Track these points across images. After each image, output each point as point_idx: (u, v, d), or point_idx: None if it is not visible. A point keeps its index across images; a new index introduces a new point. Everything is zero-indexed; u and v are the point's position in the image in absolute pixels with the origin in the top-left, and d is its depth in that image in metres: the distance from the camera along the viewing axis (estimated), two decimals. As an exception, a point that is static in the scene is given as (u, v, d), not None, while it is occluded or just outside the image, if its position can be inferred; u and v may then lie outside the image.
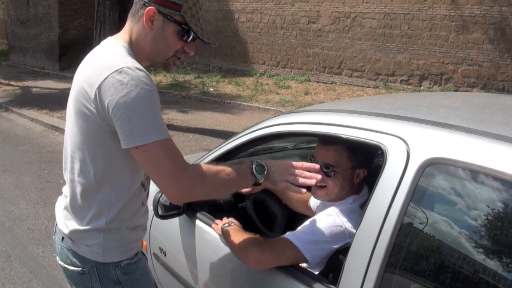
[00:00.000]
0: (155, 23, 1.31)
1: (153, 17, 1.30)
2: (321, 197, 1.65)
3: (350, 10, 11.18)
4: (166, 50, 1.35)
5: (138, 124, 1.18)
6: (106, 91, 1.19)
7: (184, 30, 1.32)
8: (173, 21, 1.30)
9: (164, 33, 1.32)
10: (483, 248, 1.08)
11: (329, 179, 1.58)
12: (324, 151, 1.60)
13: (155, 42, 1.33)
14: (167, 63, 1.39)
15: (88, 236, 1.36)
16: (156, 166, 1.22)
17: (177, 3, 1.30)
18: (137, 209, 1.43)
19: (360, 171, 1.60)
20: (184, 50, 1.38)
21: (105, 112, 1.20)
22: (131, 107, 1.17)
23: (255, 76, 12.91)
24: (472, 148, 1.13)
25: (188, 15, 1.31)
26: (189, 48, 1.38)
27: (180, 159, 1.24)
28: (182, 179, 1.23)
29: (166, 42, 1.34)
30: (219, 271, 1.76)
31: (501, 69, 9.21)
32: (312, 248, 1.45)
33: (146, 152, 1.21)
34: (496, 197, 1.08)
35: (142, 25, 1.32)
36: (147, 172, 1.29)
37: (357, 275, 1.23)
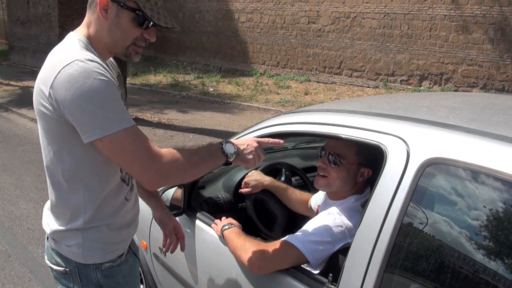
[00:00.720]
0: (109, 12, 1.26)
1: (107, 5, 1.25)
2: (322, 186, 1.65)
3: (350, 10, 11.19)
4: (124, 39, 1.29)
5: (98, 116, 1.14)
6: (59, 87, 1.15)
7: (140, 16, 1.26)
8: (126, 8, 1.25)
9: (119, 22, 1.26)
10: (483, 248, 1.08)
11: (333, 169, 1.59)
12: (334, 142, 1.62)
13: (111, 32, 1.28)
14: (127, 52, 1.33)
15: (67, 236, 1.33)
16: (125, 155, 1.18)
17: None
18: (118, 206, 1.38)
19: (365, 171, 1.60)
20: (144, 37, 1.32)
21: (61, 109, 1.17)
22: (86, 99, 1.13)
23: (255, 76, 12.91)
24: (472, 148, 1.13)
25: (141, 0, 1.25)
26: (149, 35, 1.32)
27: (149, 145, 1.20)
28: (155, 165, 1.19)
29: (122, 31, 1.28)
30: (219, 271, 1.76)
31: (501, 69, 9.21)
32: (314, 249, 1.45)
33: (112, 143, 1.16)
34: (496, 197, 1.08)
35: (97, 15, 1.27)
36: (117, 163, 1.25)
37: (357, 275, 1.23)
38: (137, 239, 2.34)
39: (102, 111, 1.14)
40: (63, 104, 1.15)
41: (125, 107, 1.22)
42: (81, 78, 1.13)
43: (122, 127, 1.16)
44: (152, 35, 1.33)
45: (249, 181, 2.05)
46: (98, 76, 1.15)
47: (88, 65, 1.15)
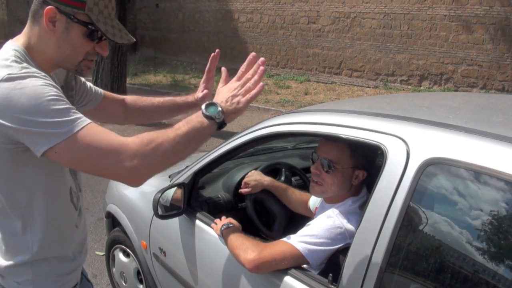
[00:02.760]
0: (57, 25, 1.12)
1: (54, 17, 1.11)
2: (318, 193, 1.66)
3: (350, 10, 11.18)
4: (74, 55, 1.17)
5: (47, 124, 1.02)
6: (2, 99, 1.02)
7: (92, 31, 1.14)
8: (77, 22, 1.12)
9: (69, 36, 1.14)
10: (483, 248, 1.08)
11: (328, 175, 1.59)
12: (327, 147, 1.61)
13: (59, 47, 1.15)
14: (79, 68, 1.21)
15: (16, 271, 1.21)
16: (92, 156, 1.05)
17: (80, 0, 1.11)
18: (68, 235, 1.28)
19: (360, 173, 1.60)
20: (96, 51, 1.20)
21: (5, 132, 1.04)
22: (29, 113, 1.01)
23: (255, 76, 12.89)
24: (472, 148, 1.12)
25: (94, 12, 1.13)
26: (101, 49, 1.20)
27: (115, 137, 1.07)
28: (130, 157, 1.04)
29: (72, 46, 1.15)
30: (219, 271, 1.76)
31: (501, 69, 9.21)
32: (313, 250, 1.45)
33: (73, 147, 1.03)
34: (496, 197, 1.08)
35: (42, 27, 1.13)
36: (86, 170, 1.10)
37: (357, 275, 1.23)
38: (137, 239, 2.34)
39: (47, 118, 1.02)
40: (6, 127, 1.03)
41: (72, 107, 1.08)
42: (16, 93, 1.01)
43: (79, 127, 1.04)
44: (104, 48, 1.21)
45: (249, 181, 2.05)
46: (32, 84, 1.03)
47: (20, 77, 1.04)
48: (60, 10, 1.11)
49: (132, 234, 2.38)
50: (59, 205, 1.24)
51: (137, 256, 2.37)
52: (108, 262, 2.80)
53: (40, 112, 1.02)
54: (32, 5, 1.15)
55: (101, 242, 3.49)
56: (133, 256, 2.44)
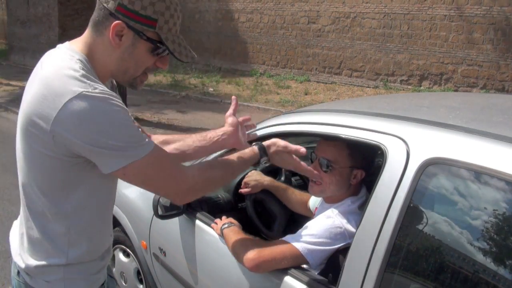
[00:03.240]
0: (124, 40, 1.10)
1: (121, 32, 1.09)
2: (316, 192, 1.66)
3: (350, 10, 11.19)
4: (135, 69, 1.16)
5: (118, 147, 1.05)
6: (67, 125, 1.02)
7: (159, 49, 1.14)
8: (146, 40, 1.11)
9: (135, 52, 1.13)
10: (483, 248, 1.08)
11: (326, 175, 1.59)
12: (325, 147, 1.61)
13: (123, 61, 1.14)
14: (134, 82, 1.20)
15: (47, 271, 1.20)
16: (154, 181, 1.14)
17: (152, 18, 1.09)
18: (105, 243, 1.31)
19: (358, 172, 1.60)
20: (156, 65, 1.19)
21: (67, 147, 1.05)
22: (103, 135, 1.03)
23: (255, 76, 12.91)
24: (472, 148, 1.13)
25: (164, 31, 1.12)
26: (162, 64, 1.19)
27: (177, 166, 1.18)
28: (187, 190, 1.19)
29: (136, 61, 1.15)
30: (219, 271, 1.76)
31: (501, 69, 9.21)
32: (313, 250, 1.45)
33: (140, 170, 1.09)
34: (496, 197, 1.08)
35: (107, 39, 1.11)
36: (146, 189, 1.21)
37: (357, 275, 1.23)
38: (137, 239, 2.34)
39: (121, 142, 1.05)
40: (73, 143, 1.04)
41: (139, 131, 1.13)
42: (93, 114, 1.02)
43: (144, 153, 1.08)
44: (165, 63, 1.20)
45: (249, 181, 2.05)
46: (109, 107, 1.04)
47: (97, 97, 1.03)
48: (128, 25, 1.09)
49: (132, 234, 2.38)
50: (103, 218, 1.27)
51: (137, 256, 2.37)
52: (108, 262, 2.79)
53: (114, 135, 1.04)
54: (95, 14, 1.13)
55: (101, 242, 3.49)
56: (133, 256, 2.44)
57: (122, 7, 1.08)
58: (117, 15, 1.08)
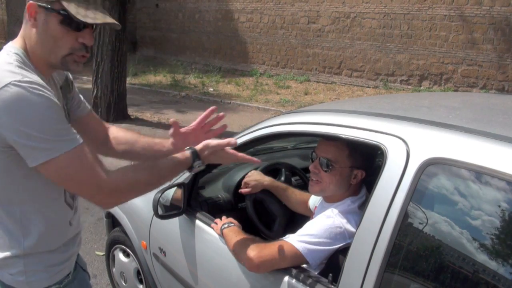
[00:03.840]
0: (38, 19, 1.13)
1: (36, 12, 1.13)
2: (317, 192, 1.66)
3: (350, 10, 11.19)
4: (57, 48, 1.16)
5: (40, 140, 1.06)
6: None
7: (66, 17, 1.12)
8: (52, 11, 1.12)
9: (48, 28, 1.13)
10: (483, 248, 1.08)
11: (326, 174, 1.59)
12: (325, 146, 1.61)
13: (43, 41, 1.15)
14: (64, 62, 1.18)
15: (9, 263, 1.23)
16: (72, 179, 1.12)
17: None
18: (61, 232, 1.30)
19: (358, 172, 1.60)
20: (80, 42, 1.16)
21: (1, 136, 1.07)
22: (26, 125, 1.04)
23: (255, 76, 12.91)
24: (472, 148, 1.13)
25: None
26: (84, 38, 1.16)
27: (99, 168, 1.14)
28: (109, 194, 1.15)
29: (53, 38, 1.14)
30: (219, 271, 1.76)
31: (501, 69, 9.21)
32: (313, 250, 1.45)
33: (57, 167, 1.09)
34: (496, 197, 1.08)
35: (29, 24, 1.15)
36: (64, 187, 1.20)
37: (357, 275, 1.23)
38: (137, 239, 2.34)
39: (45, 135, 1.06)
40: (3, 131, 1.06)
41: (68, 126, 1.13)
42: (17, 103, 1.04)
43: (67, 149, 1.08)
44: (87, 38, 1.17)
45: (249, 181, 2.05)
46: (35, 98, 1.05)
47: (23, 87, 1.05)
48: (39, 4, 1.12)
49: (132, 234, 2.38)
50: (53, 205, 1.26)
51: (137, 256, 2.37)
52: (108, 262, 2.80)
53: (37, 127, 1.05)
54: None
55: (101, 242, 3.49)
56: (133, 256, 2.44)
57: None
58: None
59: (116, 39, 7.36)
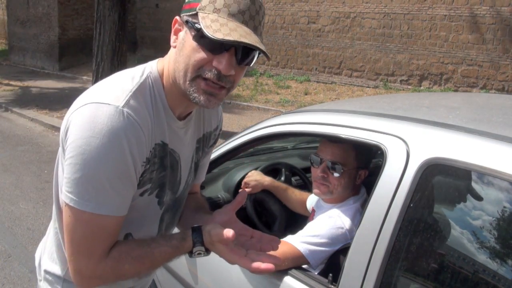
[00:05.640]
0: (179, 35, 0.97)
1: (177, 28, 0.97)
2: (324, 193, 1.65)
3: (350, 10, 11.18)
4: (186, 67, 0.94)
5: (80, 183, 0.91)
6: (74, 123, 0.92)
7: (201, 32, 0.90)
8: (191, 27, 0.93)
9: (184, 45, 0.95)
10: (483, 248, 1.08)
11: (334, 178, 1.58)
12: (332, 149, 1.60)
13: (178, 62, 0.96)
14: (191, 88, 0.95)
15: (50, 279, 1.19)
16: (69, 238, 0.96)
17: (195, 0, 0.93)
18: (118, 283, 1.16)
19: (362, 172, 1.61)
20: (214, 66, 0.92)
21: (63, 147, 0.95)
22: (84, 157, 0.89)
23: (255, 76, 12.91)
24: (472, 148, 1.12)
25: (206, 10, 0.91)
26: (219, 63, 0.92)
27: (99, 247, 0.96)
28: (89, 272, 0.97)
29: (185, 56, 0.94)
30: (219, 271, 1.76)
31: (501, 69, 9.21)
32: (314, 251, 1.45)
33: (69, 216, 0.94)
34: (496, 197, 1.08)
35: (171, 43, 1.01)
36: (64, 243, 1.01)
37: (357, 275, 1.23)
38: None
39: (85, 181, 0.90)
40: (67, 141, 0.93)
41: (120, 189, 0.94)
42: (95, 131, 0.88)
43: (93, 210, 0.92)
44: (225, 64, 0.91)
45: (249, 181, 2.05)
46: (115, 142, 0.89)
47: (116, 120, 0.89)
48: (182, 19, 0.96)
49: (132, 234, 2.38)
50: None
51: (137, 256, 2.36)
52: (108, 262, 2.79)
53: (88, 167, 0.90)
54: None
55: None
56: (133, 256, 2.44)
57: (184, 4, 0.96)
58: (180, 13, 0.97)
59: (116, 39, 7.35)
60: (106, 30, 7.13)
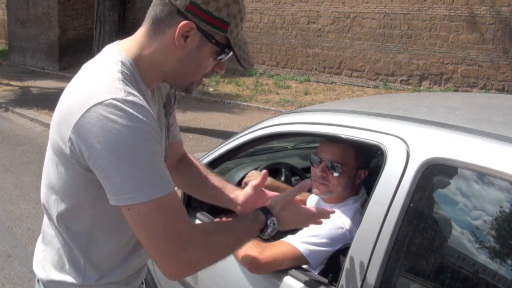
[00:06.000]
0: (189, 41, 1.00)
1: (189, 32, 0.99)
2: (323, 193, 1.65)
3: (350, 10, 11.19)
4: (194, 73, 1.06)
5: (131, 177, 0.91)
6: (85, 132, 0.91)
7: (223, 52, 1.04)
8: (214, 43, 1.01)
9: (198, 55, 1.02)
10: (483, 248, 1.08)
11: (334, 177, 1.58)
12: (332, 149, 1.60)
13: (182, 64, 1.03)
14: (191, 87, 1.09)
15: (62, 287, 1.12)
16: (150, 234, 0.95)
17: (224, 21, 0.99)
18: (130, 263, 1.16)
19: (362, 172, 1.61)
20: (214, 70, 1.09)
21: (85, 158, 0.93)
22: (119, 155, 0.90)
23: (255, 76, 12.91)
24: (472, 148, 1.12)
25: (233, 35, 1.02)
26: (220, 68, 1.10)
27: (183, 226, 0.96)
28: (183, 254, 0.95)
29: (197, 65, 1.04)
30: (219, 271, 1.76)
31: (501, 69, 9.21)
32: (314, 251, 1.45)
33: (141, 216, 0.93)
34: (496, 197, 1.08)
35: (169, 39, 1.00)
36: (138, 238, 0.98)
37: (357, 275, 1.23)
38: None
39: (136, 172, 0.91)
40: (89, 153, 0.92)
41: (164, 166, 0.97)
42: (115, 126, 0.89)
43: (157, 195, 0.92)
44: (223, 67, 1.10)
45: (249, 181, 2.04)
46: (138, 124, 0.91)
47: (126, 108, 0.91)
48: (198, 26, 0.99)
49: (132, 234, 2.38)
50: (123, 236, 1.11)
51: (137, 256, 2.36)
52: (108, 262, 2.79)
53: (131, 160, 0.90)
54: (155, 9, 1.01)
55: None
56: (133, 256, 2.44)
57: (195, 6, 0.97)
58: (186, 14, 0.98)
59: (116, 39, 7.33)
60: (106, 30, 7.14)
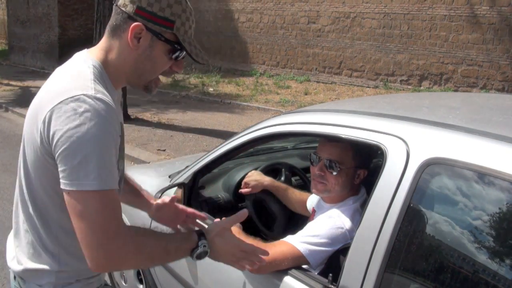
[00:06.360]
0: (142, 42, 1.11)
1: (140, 34, 1.10)
2: (321, 192, 1.65)
3: (350, 10, 11.19)
4: (152, 72, 1.17)
5: (78, 166, 0.98)
6: (55, 119, 1.00)
7: (175, 49, 1.14)
8: (164, 41, 1.12)
9: (152, 54, 1.13)
10: (483, 248, 1.08)
11: (332, 176, 1.59)
12: (330, 148, 1.61)
13: (138, 63, 1.14)
14: (149, 86, 1.20)
15: (39, 275, 1.18)
16: (84, 221, 1.00)
17: (169, 20, 1.11)
18: None
19: (361, 172, 1.61)
20: (172, 69, 1.20)
21: (49, 144, 1.02)
22: (78, 142, 0.98)
23: (255, 76, 12.91)
24: (472, 148, 1.13)
25: (181, 32, 1.13)
26: (177, 67, 1.20)
27: (116, 221, 1.03)
28: (113, 244, 1.01)
29: (152, 64, 1.15)
30: (219, 271, 1.76)
31: (501, 69, 9.21)
32: (314, 251, 1.45)
33: (77, 201, 1.00)
34: (496, 197, 1.08)
35: (125, 42, 1.11)
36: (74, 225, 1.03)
37: (357, 275, 1.23)
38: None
39: (86, 163, 0.98)
40: (53, 139, 1.01)
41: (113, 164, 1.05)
42: (82, 118, 0.98)
43: (100, 187, 0.99)
44: (180, 66, 1.20)
45: (249, 181, 2.05)
46: (99, 120, 1.00)
47: (96, 104, 1.00)
48: (147, 27, 1.10)
49: (132, 234, 2.37)
50: None
51: (137, 256, 2.36)
52: (108, 262, 2.79)
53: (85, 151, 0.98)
54: (112, 19, 1.14)
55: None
56: (133, 256, 2.44)
57: (141, 10, 1.09)
58: (135, 17, 1.10)
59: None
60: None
